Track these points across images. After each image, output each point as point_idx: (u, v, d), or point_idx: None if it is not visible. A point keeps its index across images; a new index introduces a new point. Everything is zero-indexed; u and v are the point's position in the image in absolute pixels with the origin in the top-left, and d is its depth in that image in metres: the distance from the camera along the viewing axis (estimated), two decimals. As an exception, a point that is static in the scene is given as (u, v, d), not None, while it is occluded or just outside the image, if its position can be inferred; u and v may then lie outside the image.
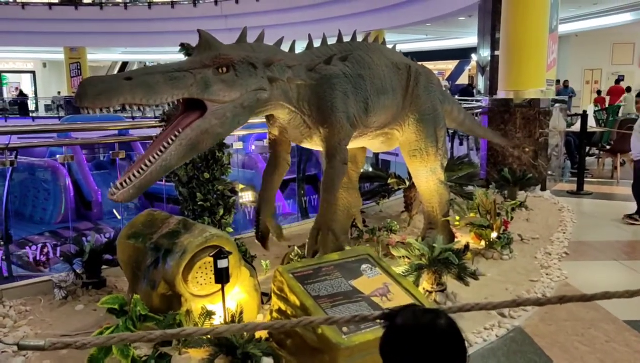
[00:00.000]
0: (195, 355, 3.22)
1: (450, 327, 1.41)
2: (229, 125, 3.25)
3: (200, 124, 3.09)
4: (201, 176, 4.69)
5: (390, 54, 4.57)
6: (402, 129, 4.58)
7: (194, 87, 3.02)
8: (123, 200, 2.97)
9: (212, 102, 3.12)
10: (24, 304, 3.98)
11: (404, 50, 5.50)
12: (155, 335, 1.15)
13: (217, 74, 3.14)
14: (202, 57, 3.16)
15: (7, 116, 28.04)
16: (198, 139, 3.10)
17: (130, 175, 2.92)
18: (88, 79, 2.77)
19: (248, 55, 3.32)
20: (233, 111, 3.22)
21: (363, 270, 3.52)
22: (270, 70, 3.42)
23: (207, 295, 3.44)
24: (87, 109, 2.70)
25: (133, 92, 2.77)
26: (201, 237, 3.37)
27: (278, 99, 3.55)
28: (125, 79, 2.80)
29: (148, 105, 2.89)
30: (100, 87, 2.69)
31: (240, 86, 3.22)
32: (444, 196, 4.91)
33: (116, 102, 2.73)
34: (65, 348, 1.08)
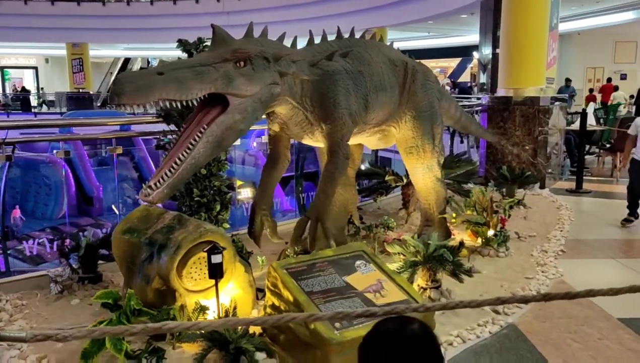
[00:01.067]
0: (189, 349, 3.24)
1: (422, 333, 1.40)
2: (249, 121, 3.28)
3: (225, 119, 3.12)
4: (199, 172, 4.70)
5: (387, 51, 4.58)
6: (399, 126, 4.59)
7: (219, 82, 3.05)
8: (158, 201, 3.00)
9: (234, 96, 3.14)
10: (20, 298, 4.00)
11: (405, 48, 5.50)
12: (137, 328, 1.16)
13: (237, 68, 3.16)
14: (220, 51, 3.18)
15: (9, 112, 28.06)
16: (223, 135, 3.12)
17: (162, 175, 2.95)
18: (124, 76, 2.75)
19: (262, 50, 3.35)
20: (253, 106, 3.25)
21: (357, 267, 3.53)
22: (279, 65, 3.45)
23: (201, 291, 3.45)
24: (124, 106, 2.70)
25: (167, 87, 2.79)
26: (195, 232, 3.38)
27: (285, 93, 3.57)
28: (158, 74, 2.80)
29: (180, 101, 2.89)
30: (137, 83, 2.69)
31: (258, 80, 3.26)
32: (440, 193, 4.91)
33: (152, 98, 2.74)
34: (46, 340, 1.09)
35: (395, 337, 1.36)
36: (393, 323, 1.43)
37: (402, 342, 1.36)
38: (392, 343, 1.35)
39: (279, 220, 6.74)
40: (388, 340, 1.36)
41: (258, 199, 4.17)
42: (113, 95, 2.67)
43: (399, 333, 1.37)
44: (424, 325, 1.41)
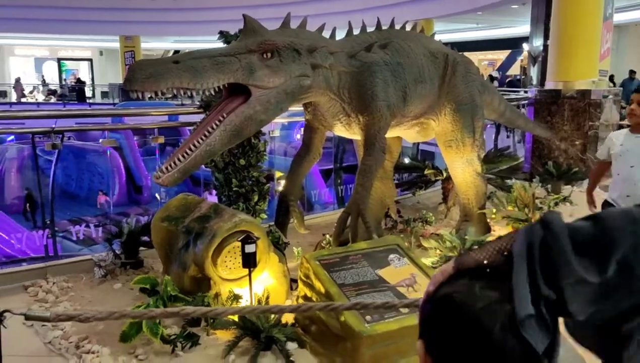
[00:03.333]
0: (223, 336, 3.31)
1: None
2: (272, 112, 3.29)
3: (245, 110, 3.13)
4: (237, 162, 4.76)
5: (427, 42, 4.50)
6: (438, 118, 4.52)
7: (239, 72, 3.06)
8: (168, 184, 3.07)
9: (256, 87, 3.16)
10: (66, 281, 4.18)
11: (452, 40, 5.40)
12: (156, 313, 1.20)
13: (262, 60, 3.17)
14: (247, 42, 3.20)
15: (66, 102, 29.18)
16: (242, 125, 3.14)
17: (175, 160, 3.00)
18: (138, 62, 2.83)
19: (292, 42, 3.35)
20: (277, 97, 3.25)
21: (391, 260, 3.51)
22: (313, 57, 3.44)
23: (235, 279, 3.51)
24: (136, 92, 2.77)
25: (180, 76, 2.82)
26: (230, 222, 3.43)
27: (319, 85, 3.57)
28: (173, 63, 2.86)
29: (195, 90, 2.93)
30: (149, 70, 2.75)
31: (284, 72, 3.25)
32: (480, 188, 4.81)
33: (164, 86, 2.79)
34: (68, 321, 1.14)
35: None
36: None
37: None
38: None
39: (319, 212, 6.79)
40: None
41: (286, 190, 4.20)
42: (126, 82, 2.75)
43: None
44: None
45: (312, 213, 6.49)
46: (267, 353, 3.11)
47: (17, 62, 35.23)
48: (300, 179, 4.21)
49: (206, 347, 3.22)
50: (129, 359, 3.07)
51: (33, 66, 35.85)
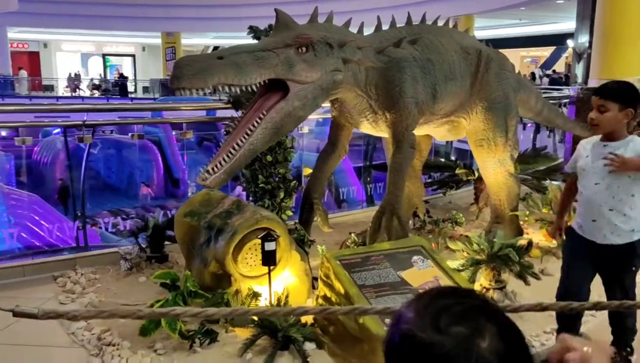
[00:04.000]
0: (242, 334, 3.30)
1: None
2: (309, 108, 3.26)
3: (284, 106, 3.10)
4: (264, 159, 4.74)
5: (460, 38, 4.37)
6: (469, 117, 4.38)
7: (279, 67, 3.03)
8: (215, 186, 3.06)
9: (294, 82, 3.12)
10: (94, 272, 4.25)
11: (493, 37, 5.24)
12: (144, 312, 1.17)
13: (299, 54, 3.14)
14: (282, 36, 3.16)
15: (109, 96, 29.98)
16: (282, 121, 3.11)
17: (220, 160, 2.98)
18: (183, 59, 2.80)
19: (325, 35, 3.30)
20: (313, 93, 3.22)
21: (414, 262, 3.42)
22: (343, 52, 3.39)
23: (256, 277, 3.49)
24: (183, 90, 2.72)
25: (226, 72, 2.79)
26: (252, 218, 3.41)
27: (348, 81, 3.51)
28: (218, 58, 2.82)
29: (239, 86, 2.90)
30: (196, 66, 2.72)
31: (320, 66, 3.22)
32: (512, 189, 4.65)
33: (211, 82, 2.76)
34: (57, 318, 1.12)
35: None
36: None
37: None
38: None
39: (347, 210, 6.72)
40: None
41: (309, 187, 4.15)
42: (172, 79, 2.72)
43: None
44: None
45: (340, 211, 6.43)
46: (285, 353, 3.08)
47: (64, 58, 36.37)
48: (324, 176, 4.16)
49: (224, 344, 3.22)
50: (147, 353, 3.10)
51: (79, 61, 36.95)
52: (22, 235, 9.32)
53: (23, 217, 9.18)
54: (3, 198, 10.92)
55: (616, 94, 2.73)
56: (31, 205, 9.64)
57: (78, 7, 27.15)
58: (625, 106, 2.72)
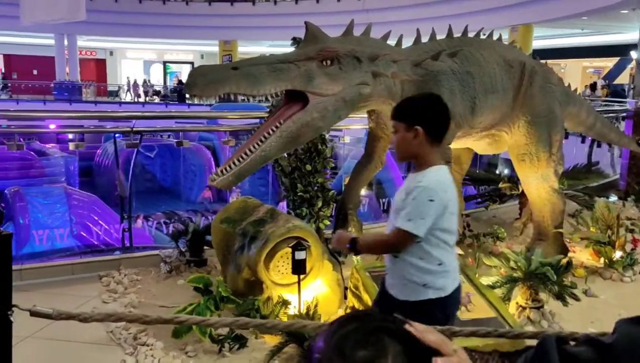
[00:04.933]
0: (270, 341, 3.35)
1: None
2: (329, 119, 3.29)
3: (302, 116, 3.14)
4: (303, 168, 4.81)
5: (503, 51, 4.30)
6: (511, 131, 4.29)
7: (297, 80, 3.08)
8: (223, 187, 3.15)
9: (314, 94, 3.16)
10: (137, 274, 4.42)
11: (556, 46, 5.09)
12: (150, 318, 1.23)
13: (322, 67, 3.17)
14: (307, 49, 3.22)
15: (168, 102, 31.03)
16: (299, 131, 3.16)
17: (231, 163, 3.06)
18: (198, 68, 2.94)
19: (354, 49, 3.32)
20: (334, 105, 3.24)
21: (445, 277, 3.37)
22: (375, 65, 3.40)
23: (287, 285, 3.53)
24: (195, 97, 2.91)
25: (238, 82, 2.89)
26: (284, 227, 3.47)
27: (381, 94, 3.51)
28: (232, 69, 2.93)
29: (252, 96, 3.01)
30: (209, 77, 2.85)
31: (343, 80, 3.23)
32: (557, 206, 4.51)
33: (222, 91, 2.87)
34: (70, 319, 1.20)
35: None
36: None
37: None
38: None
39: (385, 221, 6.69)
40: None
41: (344, 198, 4.16)
42: (186, 86, 2.85)
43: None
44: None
45: (379, 221, 6.41)
46: (311, 362, 3.10)
47: (128, 65, 37.95)
48: (360, 187, 4.17)
49: (253, 350, 3.28)
50: (179, 355, 3.20)
51: (142, 68, 38.43)
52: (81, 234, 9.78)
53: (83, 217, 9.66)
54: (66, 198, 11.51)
55: (400, 112, 2.25)
56: (91, 206, 10.09)
57: (142, 17, 28.34)
58: (411, 125, 2.18)
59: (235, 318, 2.97)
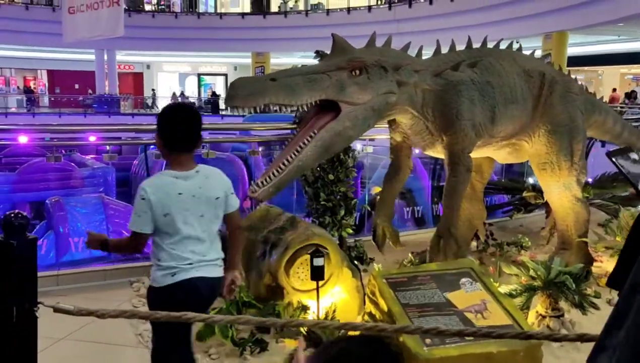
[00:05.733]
0: (290, 345, 3.45)
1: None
2: (360, 128, 3.38)
3: (335, 126, 3.24)
4: (326, 177, 4.92)
5: (523, 61, 4.33)
6: (531, 140, 4.31)
7: (330, 89, 3.18)
8: (264, 199, 3.27)
9: (346, 103, 3.26)
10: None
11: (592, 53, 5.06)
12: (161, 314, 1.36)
13: (351, 77, 3.27)
14: (337, 60, 3.33)
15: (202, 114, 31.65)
16: (332, 140, 3.25)
17: (270, 175, 3.15)
18: (239, 80, 3.03)
19: (380, 59, 3.43)
20: (364, 114, 3.33)
21: (462, 284, 3.41)
22: (398, 74, 3.49)
23: (307, 291, 3.64)
24: (237, 108, 2.97)
25: (277, 93, 2.99)
26: (304, 234, 3.58)
27: (404, 103, 3.60)
28: (270, 80, 3.04)
29: (290, 106, 3.09)
30: (249, 88, 2.97)
31: (372, 89, 3.33)
32: (581, 215, 4.49)
33: (262, 102, 2.96)
34: (89, 315, 1.33)
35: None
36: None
37: None
38: None
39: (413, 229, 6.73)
40: None
41: (378, 210, 4.23)
42: (228, 98, 2.96)
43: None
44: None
45: (406, 230, 6.45)
46: (328, 366, 3.19)
47: (165, 77, 38.94)
48: (392, 198, 4.23)
49: (273, 354, 3.38)
50: (202, 357, 3.33)
51: (177, 81, 39.35)
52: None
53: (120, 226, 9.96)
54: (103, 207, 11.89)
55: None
56: (127, 215, 10.41)
57: (178, 31, 29.10)
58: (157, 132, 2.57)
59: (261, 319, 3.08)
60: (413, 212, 7.64)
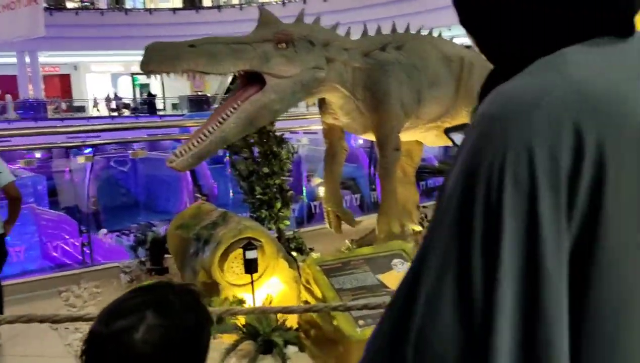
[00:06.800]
0: (228, 340, 3.43)
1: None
2: (287, 102, 3.32)
3: (259, 98, 3.16)
4: (261, 170, 4.89)
5: (443, 46, 4.45)
6: (455, 122, 4.44)
7: (255, 60, 3.09)
8: (182, 169, 3.15)
9: (271, 76, 3.18)
10: (97, 287, 4.45)
11: None
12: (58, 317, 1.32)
13: (278, 49, 3.20)
14: (262, 32, 3.25)
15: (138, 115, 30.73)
16: (257, 113, 3.17)
17: (190, 145, 3.03)
18: (155, 44, 2.90)
19: (308, 34, 3.39)
20: (292, 88, 3.27)
21: (394, 265, 3.49)
22: (327, 51, 3.46)
23: (243, 285, 3.62)
24: (152, 73, 2.85)
25: (197, 59, 2.88)
26: (235, 229, 3.56)
27: (333, 80, 3.57)
28: (189, 46, 2.91)
29: (211, 74, 2.98)
30: (166, 53, 2.83)
31: (299, 62, 3.27)
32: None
33: (180, 68, 2.84)
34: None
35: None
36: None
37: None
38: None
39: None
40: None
41: (325, 196, 4.27)
42: (142, 63, 2.81)
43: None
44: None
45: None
46: (267, 357, 3.20)
47: (95, 78, 37.43)
48: (335, 183, 4.26)
49: (211, 350, 3.33)
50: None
51: (110, 82, 37.96)
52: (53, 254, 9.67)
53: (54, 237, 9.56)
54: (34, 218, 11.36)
55: None
56: (60, 224, 10.02)
57: (105, 29, 28.03)
58: None
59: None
60: (357, 199, 7.76)
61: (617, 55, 0.73)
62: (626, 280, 0.66)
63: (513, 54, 0.81)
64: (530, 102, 0.68)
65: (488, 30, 0.84)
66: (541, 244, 0.64)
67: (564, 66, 0.70)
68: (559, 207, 0.65)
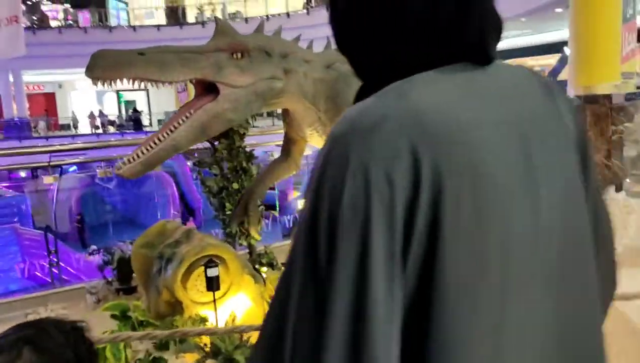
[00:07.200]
0: (191, 359, 3.39)
1: None
2: (241, 112, 3.29)
3: (213, 107, 3.13)
4: (230, 186, 4.87)
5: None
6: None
7: (207, 69, 3.06)
8: (130, 176, 3.06)
9: (224, 85, 3.15)
10: (64, 308, 4.38)
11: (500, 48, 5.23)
12: None
13: (232, 59, 3.17)
14: (217, 42, 3.22)
15: (124, 131, 30.64)
16: (209, 122, 3.14)
17: (138, 152, 2.98)
18: (101, 51, 2.82)
19: (264, 45, 3.36)
20: (246, 97, 3.24)
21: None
22: (285, 62, 3.44)
23: (207, 303, 3.58)
24: (97, 80, 2.74)
25: (146, 67, 2.82)
26: (198, 246, 3.53)
27: (292, 91, 3.55)
28: (139, 54, 2.85)
29: (161, 82, 2.93)
30: (112, 59, 2.76)
31: (253, 72, 3.25)
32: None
33: (128, 75, 2.77)
34: None
35: None
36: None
37: None
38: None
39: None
40: None
41: (252, 187, 4.24)
42: (87, 70, 2.73)
43: None
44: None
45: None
46: (229, 376, 3.16)
47: (80, 96, 37.30)
48: (269, 181, 4.25)
49: (173, 370, 3.31)
50: (98, 383, 3.20)
51: (95, 99, 37.84)
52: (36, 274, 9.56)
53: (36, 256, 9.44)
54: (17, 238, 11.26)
55: None
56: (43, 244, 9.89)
57: (88, 47, 27.54)
58: None
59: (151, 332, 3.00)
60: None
61: (466, 83, 0.75)
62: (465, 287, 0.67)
63: (376, 75, 0.83)
64: (370, 126, 0.69)
65: (357, 53, 0.88)
66: (372, 269, 0.64)
67: (409, 92, 0.72)
68: (393, 228, 0.65)
